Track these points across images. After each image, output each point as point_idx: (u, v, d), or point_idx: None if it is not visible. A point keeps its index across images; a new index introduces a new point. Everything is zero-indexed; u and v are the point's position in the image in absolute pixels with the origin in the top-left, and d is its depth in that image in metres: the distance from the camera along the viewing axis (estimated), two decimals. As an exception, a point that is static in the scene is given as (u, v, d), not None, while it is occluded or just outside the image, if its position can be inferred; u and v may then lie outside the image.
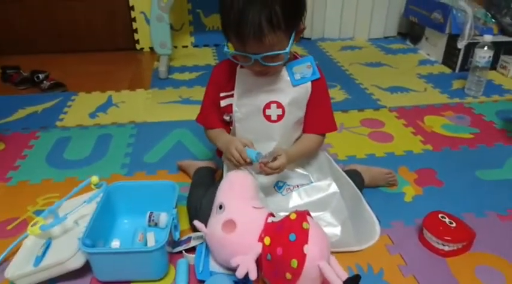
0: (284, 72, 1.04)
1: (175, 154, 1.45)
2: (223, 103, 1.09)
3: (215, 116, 1.12)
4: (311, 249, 0.80)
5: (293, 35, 0.94)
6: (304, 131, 1.11)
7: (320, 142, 1.12)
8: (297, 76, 1.04)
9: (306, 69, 1.05)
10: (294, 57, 1.07)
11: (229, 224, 0.88)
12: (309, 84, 1.05)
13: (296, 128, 1.10)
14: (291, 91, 1.04)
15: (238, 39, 0.91)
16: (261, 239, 0.87)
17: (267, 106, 1.05)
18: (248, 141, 1.00)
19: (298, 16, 0.95)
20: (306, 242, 0.80)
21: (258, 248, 0.86)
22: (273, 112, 1.05)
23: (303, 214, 0.86)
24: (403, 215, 1.15)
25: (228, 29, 0.93)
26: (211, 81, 1.12)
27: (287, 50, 0.93)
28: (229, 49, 0.97)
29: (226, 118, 1.10)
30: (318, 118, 1.09)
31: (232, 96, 1.06)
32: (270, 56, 0.93)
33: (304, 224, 0.82)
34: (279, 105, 1.05)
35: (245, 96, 1.05)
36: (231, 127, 1.10)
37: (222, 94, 1.08)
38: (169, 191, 1.07)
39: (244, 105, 1.06)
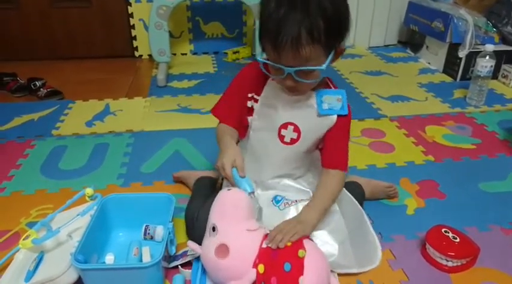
0: (312, 98, 0.99)
1: (173, 164, 1.43)
2: (249, 104, 1.03)
3: (232, 112, 1.04)
4: (307, 281, 0.77)
5: (332, 53, 0.90)
6: (323, 165, 1.03)
7: (343, 180, 1.03)
8: (325, 106, 0.98)
9: (335, 101, 0.99)
10: (326, 84, 1.02)
11: (222, 249, 0.85)
12: (335, 117, 0.99)
13: (303, 158, 1.05)
14: (313, 118, 0.99)
15: (274, 48, 0.86)
16: (255, 265, 0.84)
17: (284, 126, 1.01)
18: (240, 163, 0.92)
19: (341, 33, 0.90)
20: (301, 273, 0.77)
21: (251, 275, 0.83)
22: (288, 134, 1.01)
23: (299, 239, 0.83)
24: (405, 229, 1.12)
25: (265, 37, 0.88)
26: (239, 78, 1.06)
27: (323, 66, 0.88)
28: (262, 59, 0.91)
29: (249, 119, 1.05)
30: (338, 152, 1.02)
31: (256, 100, 1.02)
32: (304, 71, 0.88)
33: (300, 252, 0.79)
34: (296, 129, 1.00)
35: (267, 108, 1.01)
36: (247, 132, 1.06)
37: (249, 95, 1.03)
38: (166, 203, 1.04)
39: (263, 116, 1.02)
